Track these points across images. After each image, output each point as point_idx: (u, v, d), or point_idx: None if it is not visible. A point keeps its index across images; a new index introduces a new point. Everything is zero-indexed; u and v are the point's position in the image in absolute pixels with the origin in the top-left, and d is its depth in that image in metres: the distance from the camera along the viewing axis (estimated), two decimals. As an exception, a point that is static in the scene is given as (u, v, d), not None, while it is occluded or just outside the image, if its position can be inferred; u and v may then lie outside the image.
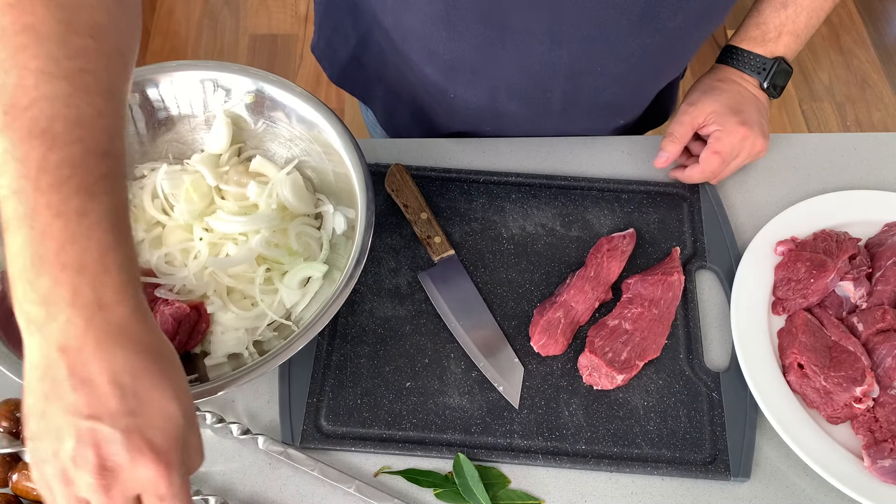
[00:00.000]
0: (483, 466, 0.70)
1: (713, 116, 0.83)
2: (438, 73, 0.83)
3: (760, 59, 0.85)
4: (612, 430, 0.72)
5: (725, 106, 0.83)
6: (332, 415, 0.73)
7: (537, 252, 0.82)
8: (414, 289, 0.80)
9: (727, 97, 0.83)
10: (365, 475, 0.71)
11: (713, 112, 0.83)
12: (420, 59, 0.82)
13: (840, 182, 0.88)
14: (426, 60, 0.82)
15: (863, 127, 2.12)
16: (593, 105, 0.85)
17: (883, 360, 0.72)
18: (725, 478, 0.70)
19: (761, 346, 0.75)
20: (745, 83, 0.85)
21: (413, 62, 0.84)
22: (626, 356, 0.73)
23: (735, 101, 0.83)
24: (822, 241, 0.79)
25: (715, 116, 0.82)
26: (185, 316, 0.71)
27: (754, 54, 0.85)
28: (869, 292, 0.77)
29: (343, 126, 0.77)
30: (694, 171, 0.84)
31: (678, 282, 0.78)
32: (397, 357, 0.76)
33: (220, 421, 0.71)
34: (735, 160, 0.84)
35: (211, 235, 0.78)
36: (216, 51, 2.19)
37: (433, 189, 0.86)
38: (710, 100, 0.83)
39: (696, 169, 0.84)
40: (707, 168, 0.83)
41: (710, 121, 0.83)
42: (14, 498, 0.68)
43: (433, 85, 0.85)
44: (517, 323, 0.78)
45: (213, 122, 0.82)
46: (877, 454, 0.68)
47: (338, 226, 0.79)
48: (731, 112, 0.82)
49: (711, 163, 0.83)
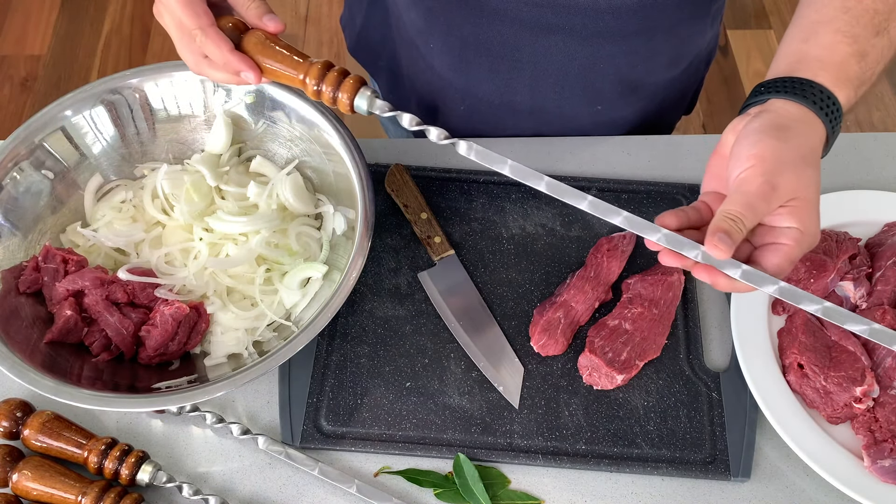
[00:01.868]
0: (483, 466, 0.70)
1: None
2: (420, 18, 0.85)
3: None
4: (612, 430, 0.72)
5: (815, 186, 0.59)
6: (332, 415, 0.73)
7: (537, 252, 0.82)
8: (414, 289, 0.80)
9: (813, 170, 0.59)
10: (365, 475, 0.71)
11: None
12: (406, 2, 0.85)
13: (840, 182, 0.88)
14: (412, 4, 0.84)
15: (863, 127, 2.11)
16: (565, 77, 0.85)
17: (883, 360, 0.72)
18: (725, 478, 0.70)
19: (761, 346, 0.75)
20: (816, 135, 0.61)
21: (401, 6, 0.86)
22: (626, 356, 0.73)
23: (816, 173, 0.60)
24: (823, 241, 0.79)
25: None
26: (184, 316, 0.71)
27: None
28: (869, 292, 0.77)
29: (343, 126, 0.77)
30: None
31: (678, 282, 0.78)
32: (397, 357, 0.76)
33: (220, 421, 0.71)
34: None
35: (211, 235, 0.78)
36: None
37: (433, 189, 0.86)
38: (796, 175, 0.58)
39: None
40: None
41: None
42: (14, 498, 0.68)
43: (418, 33, 0.87)
44: (517, 323, 0.78)
45: (213, 122, 0.82)
46: (877, 454, 0.68)
47: (338, 226, 0.79)
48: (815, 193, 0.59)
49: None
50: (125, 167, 0.83)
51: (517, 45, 0.82)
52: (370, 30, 0.98)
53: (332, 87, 0.62)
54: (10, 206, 0.75)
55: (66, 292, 0.72)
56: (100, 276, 0.72)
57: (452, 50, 0.86)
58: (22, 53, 2.21)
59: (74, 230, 0.79)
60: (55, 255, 0.74)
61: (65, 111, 0.78)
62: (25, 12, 2.30)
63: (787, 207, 0.57)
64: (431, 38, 0.86)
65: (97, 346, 0.72)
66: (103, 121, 0.80)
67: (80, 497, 0.66)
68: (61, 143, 0.78)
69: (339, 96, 0.63)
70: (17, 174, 0.76)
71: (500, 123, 0.93)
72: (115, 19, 2.27)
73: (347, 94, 0.62)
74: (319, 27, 2.28)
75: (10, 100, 2.12)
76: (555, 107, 0.90)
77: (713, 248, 0.54)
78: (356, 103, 0.62)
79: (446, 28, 0.84)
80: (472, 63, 0.86)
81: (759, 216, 0.56)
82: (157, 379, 0.71)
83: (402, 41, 0.92)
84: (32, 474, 0.67)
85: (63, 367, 0.69)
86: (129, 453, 0.68)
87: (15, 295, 0.73)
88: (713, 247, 0.54)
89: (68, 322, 0.71)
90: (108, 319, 0.71)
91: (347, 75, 0.63)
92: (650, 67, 0.87)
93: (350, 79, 0.62)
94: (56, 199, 0.79)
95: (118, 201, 0.81)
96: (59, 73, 2.18)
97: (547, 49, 0.81)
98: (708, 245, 0.54)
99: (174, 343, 0.72)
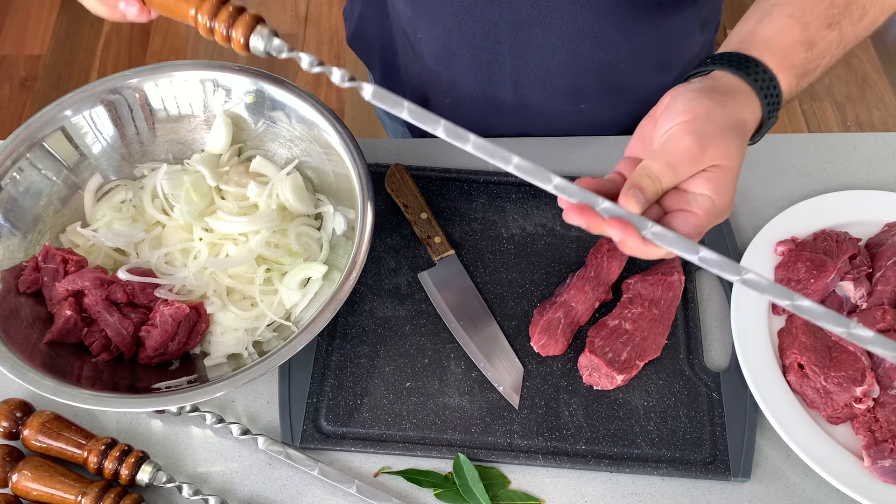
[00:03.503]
0: (483, 466, 0.70)
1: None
2: (408, 7, 0.85)
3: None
4: (612, 430, 0.72)
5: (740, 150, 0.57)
6: (332, 415, 0.73)
7: (537, 252, 0.82)
8: (414, 289, 0.80)
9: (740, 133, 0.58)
10: (365, 475, 0.71)
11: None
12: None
13: (840, 182, 0.88)
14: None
15: (863, 127, 2.11)
16: (547, 72, 0.85)
17: (883, 360, 0.72)
18: (725, 478, 0.70)
19: (761, 346, 0.75)
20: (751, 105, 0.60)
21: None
22: (626, 356, 0.73)
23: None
24: (822, 241, 0.79)
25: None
26: (184, 316, 0.71)
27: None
28: (869, 292, 0.77)
29: (343, 126, 0.77)
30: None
31: (678, 282, 0.78)
32: (397, 357, 0.76)
33: (220, 421, 0.71)
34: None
35: (211, 235, 0.78)
36: (216, 51, 2.19)
37: (433, 189, 0.86)
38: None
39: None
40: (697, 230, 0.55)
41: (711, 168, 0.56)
42: (14, 498, 0.68)
43: (408, 22, 0.88)
44: (517, 323, 0.78)
45: (212, 122, 0.82)
46: (877, 454, 0.68)
47: (338, 226, 0.79)
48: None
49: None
50: (125, 167, 0.83)
51: (498, 38, 0.82)
52: (367, 21, 0.99)
53: (225, 23, 0.59)
54: (10, 206, 0.75)
55: (65, 292, 0.72)
56: (100, 276, 0.72)
57: (438, 40, 0.86)
58: (22, 53, 2.21)
59: (74, 230, 0.79)
60: (55, 255, 0.74)
61: (65, 111, 0.78)
62: (25, 12, 2.30)
63: (706, 173, 0.55)
64: (419, 27, 0.87)
65: (97, 346, 0.72)
66: (103, 121, 0.80)
67: (80, 497, 0.66)
68: (61, 143, 0.78)
69: (233, 34, 0.59)
70: (16, 174, 0.76)
71: (485, 122, 0.93)
72: (115, 19, 2.27)
73: (242, 32, 0.58)
74: (319, 27, 2.28)
75: (10, 100, 2.12)
76: (538, 104, 0.90)
77: (626, 202, 0.52)
78: (252, 43, 0.58)
79: (431, 18, 0.84)
80: (456, 54, 0.86)
81: (679, 178, 0.54)
82: (157, 379, 0.71)
83: (396, 31, 0.93)
84: (32, 474, 0.67)
85: (63, 367, 0.69)
86: (129, 453, 0.68)
87: (15, 295, 0.73)
88: (626, 201, 0.52)
89: (68, 322, 0.71)
90: (107, 319, 0.71)
91: (244, 12, 0.59)
92: (635, 69, 0.87)
93: (246, 15, 0.59)
94: (56, 199, 0.79)
95: (118, 201, 0.81)
96: (59, 73, 2.18)
97: (527, 42, 0.82)
98: (621, 199, 0.52)
99: (174, 343, 0.72)
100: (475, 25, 0.82)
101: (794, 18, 0.62)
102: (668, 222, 0.55)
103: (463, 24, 0.82)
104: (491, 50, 0.84)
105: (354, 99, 2.10)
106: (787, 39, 0.61)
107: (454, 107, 0.93)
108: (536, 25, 0.79)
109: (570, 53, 0.82)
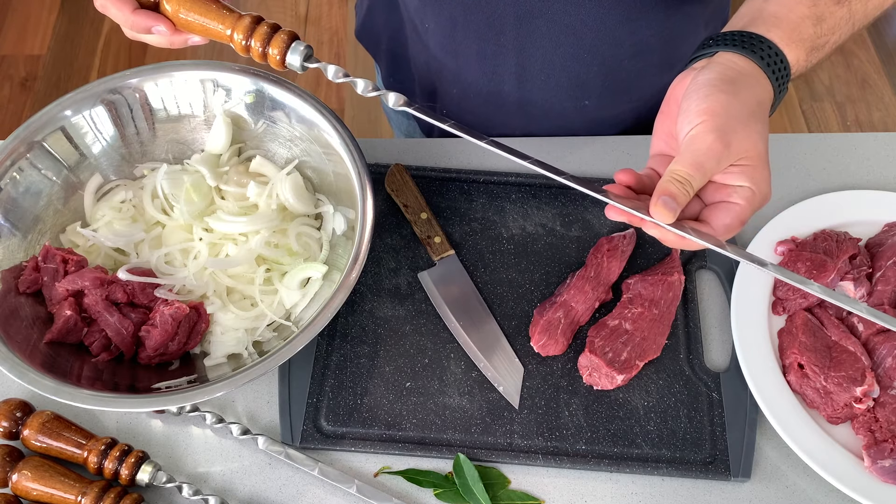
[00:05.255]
0: (483, 466, 0.70)
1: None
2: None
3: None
4: (612, 430, 0.72)
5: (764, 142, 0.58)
6: (332, 415, 0.73)
7: (537, 252, 0.82)
8: (414, 289, 0.80)
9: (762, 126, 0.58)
10: (365, 475, 0.71)
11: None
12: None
13: (840, 182, 0.88)
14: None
15: (863, 127, 2.12)
16: (550, 66, 0.85)
17: (883, 360, 0.72)
18: (725, 478, 0.70)
19: (761, 346, 0.75)
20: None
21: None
22: (626, 356, 0.73)
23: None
24: (822, 241, 0.79)
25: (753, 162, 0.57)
26: (184, 316, 0.71)
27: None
28: (869, 292, 0.77)
29: (343, 126, 0.77)
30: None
31: (678, 282, 0.78)
32: (397, 357, 0.76)
33: (220, 421, 0.71)
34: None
35: (211, 235, 0.78)
36: (216, 51, 2.19)
37: (433, 189, 0.86)
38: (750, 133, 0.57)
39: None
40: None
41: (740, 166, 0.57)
42: (14, 498, 0.68)
43: (416, 12, 0.88)
44: (517, 323, 0.78)
45: (212, 122, 0.82)
46: (877, 454, 0.68)
47: (338, 226, 0.79)
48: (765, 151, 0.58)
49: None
50: (125, 167, 0.83)
51: (502, 29, 0.83)
52: (375, 12, 0.99)
53: (261, 41, 0.60)
54: (10, 206, 0.75)
55: (65, 292, 0.72)
56: (99, 276, 0.72)
57: (444, 30, 0.87)
58: (22, 53, 2.21)
59: (74, 230, 0.79)
60: (55, 255, 0.74)
61: (65, 111, 0.78)
62: (25, 12, 2.30)
63: (738, 166, 0.56)
64: (426, 17, 0.88)
65: (97, 346, 0.72)
66: (103, 121, 0.80)
67: (80, 497, 0.66)
68: (61, 143, 0.78)
69: (270, 52, 0.60)
70: (16, 174, 0.76)
71: (489, 119, 0.93)
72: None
73: (279, 50, 0.60)
74: (319, 27, 2.28)
75: (10, 100, 2.12)
76: (542, 100, 0.90)
77: (658, 212, 0.53)
78: (288, 60, 0.60)
79: (439, 8, 0.85)
80: (462, 44, 0.87)
81: (709, 176, 0.55)
82: (156, 379, 0.71)
83: (406, 21, 0.93)
84: (32, 474, 0.67)
85: (63, 367, 0.69)
86: (129, 453, 0.68)
87: (15, 295, 0.73)
88: (658, 211, 0.53)
89: (68, 322, 0.71)
90: (107, 319, 0.71)
91: (279, 30, 0.61)
92: (639, 65, 0.87)
93: (282, 33, 0.60)
94: (56, 199, 0.79)
95: (118, 201, 0.81)
96: (59, 73, 2.18)
97: (531, 34, 0.82)
98: (653, 208, 0.54)
99: (174, 343, 0.72)
100: (481, 16, 0.82)
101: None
102: (710, 215, 0.57)
103: (469, 14, 0.83)
104: (495, 41, 0.84)
105: (354, 99, 2.10)
106: (795, 14, 0.61)
107: (459, 99, 0.93)
108: (540, 17, 0.80)
109: (573, 47, 0.82)
